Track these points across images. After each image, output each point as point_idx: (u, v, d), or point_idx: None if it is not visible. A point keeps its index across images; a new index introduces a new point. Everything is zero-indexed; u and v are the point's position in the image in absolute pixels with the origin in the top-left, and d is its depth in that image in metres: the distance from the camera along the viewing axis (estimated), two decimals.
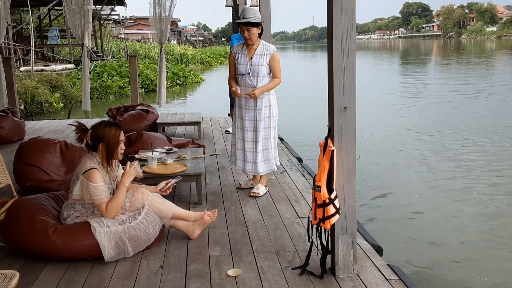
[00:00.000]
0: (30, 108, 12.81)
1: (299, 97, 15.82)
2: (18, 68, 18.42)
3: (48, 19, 27.53)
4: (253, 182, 4.67)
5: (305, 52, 74.00)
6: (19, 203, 3.37)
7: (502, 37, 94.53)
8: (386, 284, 2.82)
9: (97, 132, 3.14)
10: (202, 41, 79.58)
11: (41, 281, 2.92)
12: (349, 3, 2.64)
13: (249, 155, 4.42)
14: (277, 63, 4.35)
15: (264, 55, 4.31)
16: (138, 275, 2.96)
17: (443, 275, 4.12)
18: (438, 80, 21.30)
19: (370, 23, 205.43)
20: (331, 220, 2.77)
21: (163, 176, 4.00)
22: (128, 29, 49.48)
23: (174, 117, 7.60)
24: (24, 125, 7.58)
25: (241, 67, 4.32)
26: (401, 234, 4.95)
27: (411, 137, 9.62)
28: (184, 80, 22.48)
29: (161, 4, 7.89)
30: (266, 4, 5.68)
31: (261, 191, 4.49)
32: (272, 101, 4.43)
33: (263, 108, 4.35)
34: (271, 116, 4.41)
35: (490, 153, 8.13)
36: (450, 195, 6.09)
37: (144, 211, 3.22)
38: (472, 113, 12.25)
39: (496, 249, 4.60)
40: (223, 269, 3.03)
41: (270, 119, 4.40)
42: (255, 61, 4.29)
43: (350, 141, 2.77)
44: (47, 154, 4.64)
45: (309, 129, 9.93)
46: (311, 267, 2.98)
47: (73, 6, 7.52)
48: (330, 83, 2.74)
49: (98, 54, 25.41)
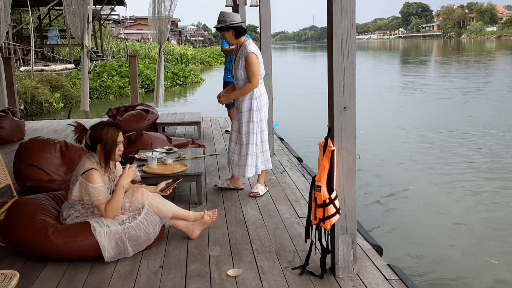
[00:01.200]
0: (30, 108, 12.80)
1: (299, 96, 15.84)
2: (18, 68, 18.41)
3: (48, 19, 27.52)
4: (229, 182, 4.63)
5: (305, 52, 74.04)
6: (19, 203, 3.37)
7: (502, 37, 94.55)
8: (386, 284, 2.82)
9: (95, 133, 3.14)
10: (202, 41, 79.60)
11: (41, 281, 2.92)
12: (349, 3, 2.64)
13: (233, 157, 4.43)
14: (250, 66, 4.17)
15: (241, 58, 4.24)
16: (138, 275, 2.96)
17: (443, 275, 4.12)
18: (437, 80, 21.31)
19: (370, 23, 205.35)
20: (331, 220, 2.77)
21: (163, 176, 4.00)
22: (128, 29, 49.48)
23: (174, 117, 7.61)
24: (24, 125, 7.58)
25: (232, 69, 4.38)
26: (402, 234, 4.96)
27: (412, 137, 9.62)
28: (184, 80, 22.48)
29: (161, 4, 7.89)
30: (266, 4, 5.67)
31: (261, 191, 4.49)
32: (254, 106, 4.27)
33: (244, 112, 4.31)
34: (250, 121, 4.28)
35: (495, 152, 8.14)
36: (460, 196, 6.09)
37: (144, 211, 3.22)
38: (472, 112, 12.27)
39: (497, 248, 4.60)
40: (223, 269, 3.03)
41: (249, 124, 4.29)
42: (236, 63, 4.31)
43: (350, 141, 2.77)
44: (47, 154, 4.64)
45: (309, 129, 9.94)
46: (311, 267, 2.98)
47: (73, 6, 7.51)
48: (330, 83, 2.74)
49: (98, 54, 25.41)
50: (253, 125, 4.29)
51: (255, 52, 4.20)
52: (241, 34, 4.26)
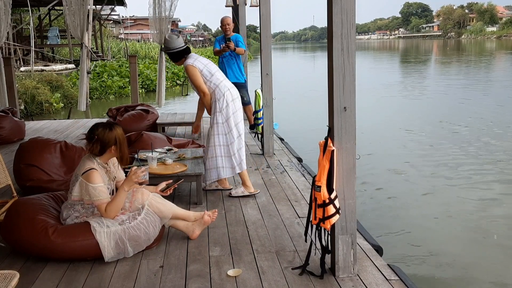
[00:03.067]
0: (30, 108, 12.80)
1: (299, 96, 15.84)
2: (18, 68, 18.42)
3: (48, 19, 27.53)
4: (217, 183, 4.60)
5: (305, 52, 74.05)
6: (19, 203, 3.37)
7: (502, 37, 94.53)
8: (386, 284, 2.82)
9: (105, 138, 3.13)
10: (202, 41, 79.52)
11: (41, 281, 2.92)
12: (349, 3, 2.64)
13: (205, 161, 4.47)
14: (191, 78, 4.27)
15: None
16: (138, 275, 2.97)
17: (444, 275, 4.12)
18: (437, 79, 21.32)
19: (370, 23, 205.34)
20: (331, 220, 2.77)
21: (163, 176, 4.00)
22: (128, 29, 49.48)
23: (174, 117, 7.61)
24: (24, 125, 7.58)
25: None
26: (402, 233, 4.96)
27: (412, 137, 9.62)
28: (184, 80, 22.47)
29: (161, 4, 7.89)
30: (266, 4, 5.67)
31: (234, 192, 4.47)
32: (217, 108, 4.28)
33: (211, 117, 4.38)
34: (214, 123, 4.31)
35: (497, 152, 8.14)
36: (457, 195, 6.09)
37: (144, 211, 3.22)
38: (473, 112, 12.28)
39: (498, 248, 4.61)
40: (223, 269, 3.03)
41: (213, 126, 4.31)
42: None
43: (350, 141, 2.77)
44: (47, 154, 4.64)
45: (309, 129, 9.94)
46: (311, 267, 2.98)
47: (73, 6, 7.52)
48: (330, 83, 2.74)
49: (98, 54, 25.41)
50: (217, 127, 4.30)
51: (191, 63, 4.24)
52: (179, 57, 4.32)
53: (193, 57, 4.32)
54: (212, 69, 4.31)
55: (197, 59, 4.29)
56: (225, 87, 4.31)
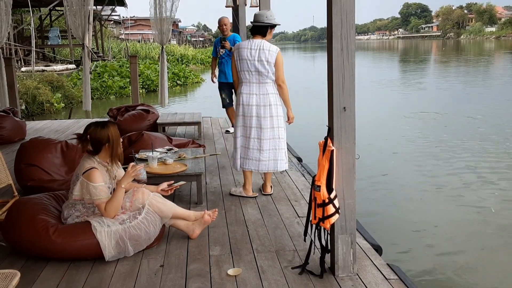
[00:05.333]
0: (31, 108, 12.82)
1: (300, 95, 15.84)
2: (19, 69, 18.44)
3: (49, 20, 27.55)
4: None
5: (305, 53, 73.98)
6: (20, 202, 3.39)
7: (501, 38, 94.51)
8: (386, 283, 2.84)
9: (97, 136, 3.14)
10: (203, 41, 79.49)
11: (42, 281, 2.93)
12: (348, 4, 2.65)
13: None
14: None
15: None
16: (138, 275, 2.98)
17: (444, 275, 4.13)
18: (436, 78, 21.33)
19: (370, 23, 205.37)
20: (331, 219, 2.78)
21: (163, 176, 4.02)
22: (129, 30, 49.48)
23: (175, 117, 7.62)
24: (25, 125, 7.59)
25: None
26: (402, 234, 4.97)
27: (412, 136, 9.63)
28: (185, 80, 22.49)
29: (162, 5, 7.89)
30: (266, 4, 5.69)
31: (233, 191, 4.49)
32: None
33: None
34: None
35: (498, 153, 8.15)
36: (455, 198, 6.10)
37: (145, 211, 3.23)
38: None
39: (498, 251, 4.61)
40: (223, 268, 3.04)
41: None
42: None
43: (349, 141, 2.78)
44: (48, 154, 4.66)
45: (309, 129, 9.94)
46: (311, 266, 2.99)
47: (73, 6, 7.52)
48: (330, 83, 2.76)
49: (98, 54, 25.42)
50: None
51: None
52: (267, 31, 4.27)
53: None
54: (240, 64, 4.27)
55: None
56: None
